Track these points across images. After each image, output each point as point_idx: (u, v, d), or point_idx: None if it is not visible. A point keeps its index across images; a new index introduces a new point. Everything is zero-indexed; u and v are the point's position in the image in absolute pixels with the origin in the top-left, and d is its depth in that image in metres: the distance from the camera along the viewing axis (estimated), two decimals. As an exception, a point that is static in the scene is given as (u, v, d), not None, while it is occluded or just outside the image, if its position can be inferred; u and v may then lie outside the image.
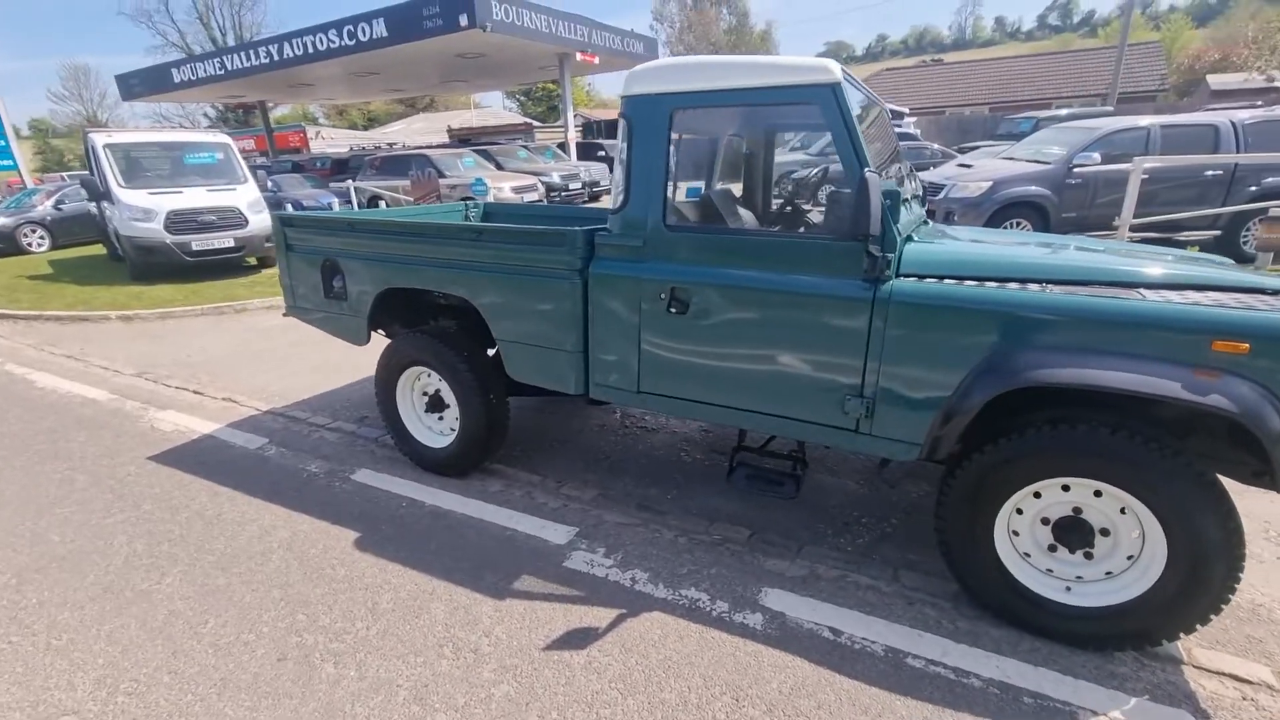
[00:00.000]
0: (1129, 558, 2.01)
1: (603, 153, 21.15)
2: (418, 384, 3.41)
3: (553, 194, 15.08)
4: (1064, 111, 16.90)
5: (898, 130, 18.26)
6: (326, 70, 19.50)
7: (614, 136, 16.39)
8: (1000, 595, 2.17)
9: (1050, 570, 2.13)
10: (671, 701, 1.98)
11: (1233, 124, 8.04)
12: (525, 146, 18.44)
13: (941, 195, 8.51)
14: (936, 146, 15.92)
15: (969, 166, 8.89)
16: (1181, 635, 1.98)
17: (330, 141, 35.08)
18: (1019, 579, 2.14)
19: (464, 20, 14.40)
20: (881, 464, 2.61)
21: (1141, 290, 1.97)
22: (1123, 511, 1.98)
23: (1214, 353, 1.75)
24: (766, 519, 2.95)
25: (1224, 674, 2.00)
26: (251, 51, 18.59)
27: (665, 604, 2.41)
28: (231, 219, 9.36)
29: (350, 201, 15.62)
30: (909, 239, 2.29)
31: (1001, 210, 8.10)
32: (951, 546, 2.22)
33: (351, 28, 16.21)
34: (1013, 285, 2.05)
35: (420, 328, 3.36)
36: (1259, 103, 15.89)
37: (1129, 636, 2.03)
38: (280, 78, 20.06)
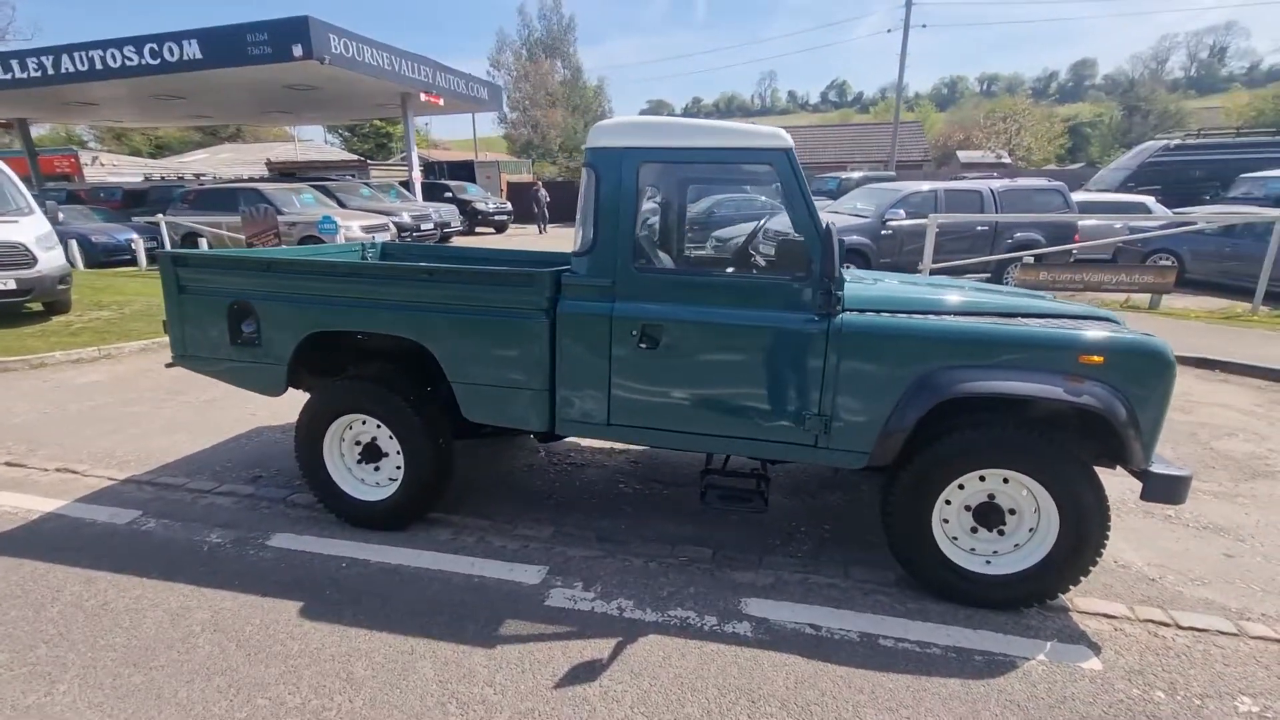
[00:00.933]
0: (1030, 530, 2.53)
1: (449, 194, 20.79)
2: (349, 434, 3.18)
3: (404, 234, 14.49)
4: (857, 174, 19.97)
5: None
6: (116, 90, 17.06)
7: (458, 178, 16.54)
8: (938, 574, 2.59)
9: (973, 549, 2.60)
10: (696, 715, 2.08)
11: (991, 190, 10.17)
12: (367, 184, 17.48)
13: (787, 242, 9.64)
14: (764, 199, 17.86)
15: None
16: (1070, 589, 2.52)
17: (113, 169, 30.28)
18: (951, 558, 2.58)
19: (298, 51, 13.57)
20: (835, 472, 2.97)
21: (1020, 318, 2.55)
22: (1025, 493, 2.50)
23: (1080, 364, 2.33)
24: (720, 538, 3.18)
25: (1099, 614, 2.58)
26: (17, 63, 15.71)
27: (657, 626, 2.51)
28: (14, 257, 7.77)
29: (157, 239, 13.68)
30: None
31: (836, 256, 9.38)
32: (898, 537, 2.61)
33: (156, 46, 14.48)
34: (932, 317, 2.53)
35: (351, 373, 3.15)
36: (995, 174, 20.13)
37: (1034, 595, 2.53)
38: (54, 94, 17.14)
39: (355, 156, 37.72)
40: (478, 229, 21.01)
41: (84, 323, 8.11)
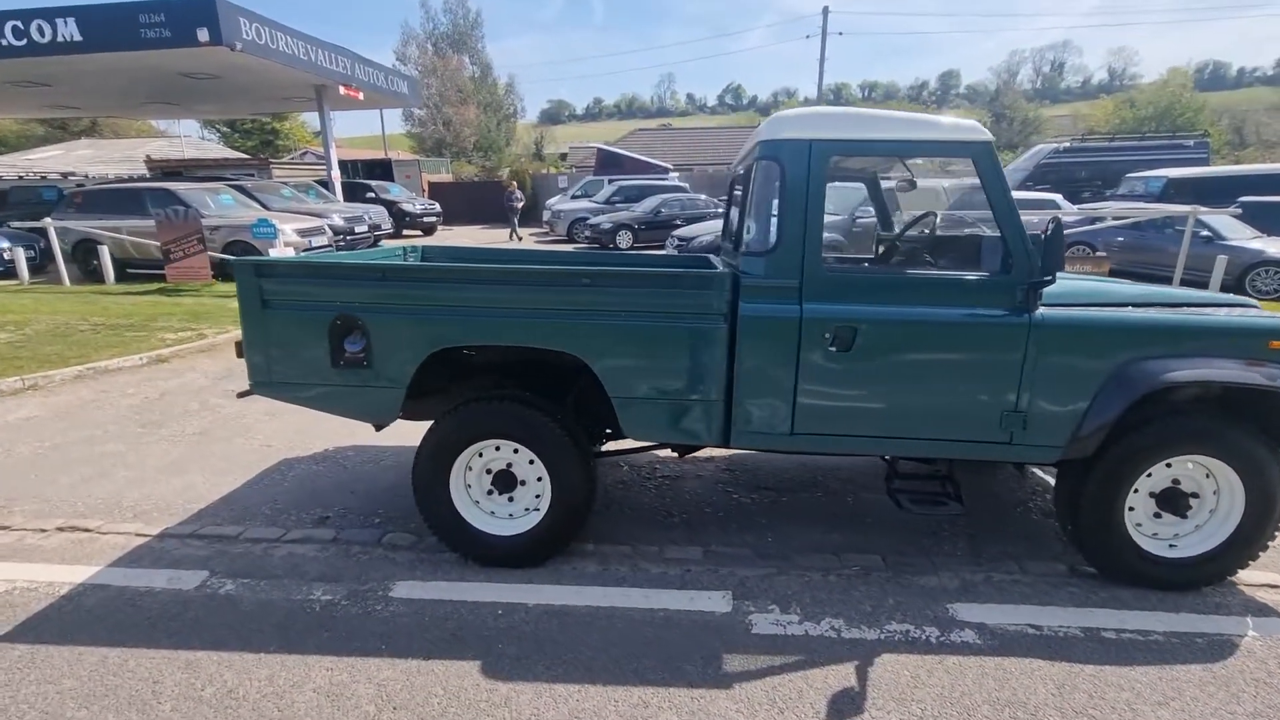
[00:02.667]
0: (1210, 512, 2.63)
1: (371, 194, 19.49)
2: (478, 461, 2.80)
3: (336, 237, 13.36)
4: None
5: (665, 183, 20.32)
6: (-41, 73, 14.54)
7: (374, 178, 15.65)
8: (1127, 562, 2.64)
9: (1156, 534, 2.67)
10: (987, 734, 1.98)
11: (943, 188, 10.80)
12: (285, 184, 15.99)
13: (764, 240, 9.77)
14: (705, 198, 18.10)
15: (779, 216, 10.37)
16: (1249, 565, 2.65)
17: (-57, 167, 25.91)
18: (1140, 545, 2.63)
19: (203, 35, 12.17)
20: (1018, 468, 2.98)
21: (1190, 308, 2.64)
22: (1206, 475, 2.59)
23: (1269, 349, 2.44)
24: (872, 542, 3.10)
25: (1264, 585, 2.73)
26: None
27: (883, 644, 2.38)
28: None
29: (35, 248, 11.84)
30: None
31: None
32: (1086, 528, 2.63)
33: (21, 24, 12.52)
34: (1126, 310, 2.56)
35: (485, 393, 2.78)
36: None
37: (1215, 574, 2.64)
38: None
39: (244, 155, 34.51)
40: (405, 231, 19.80)
41: (-20, 348, 6.81)
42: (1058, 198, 14.34)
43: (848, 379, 2.56)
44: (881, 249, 2.94)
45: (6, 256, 11.45)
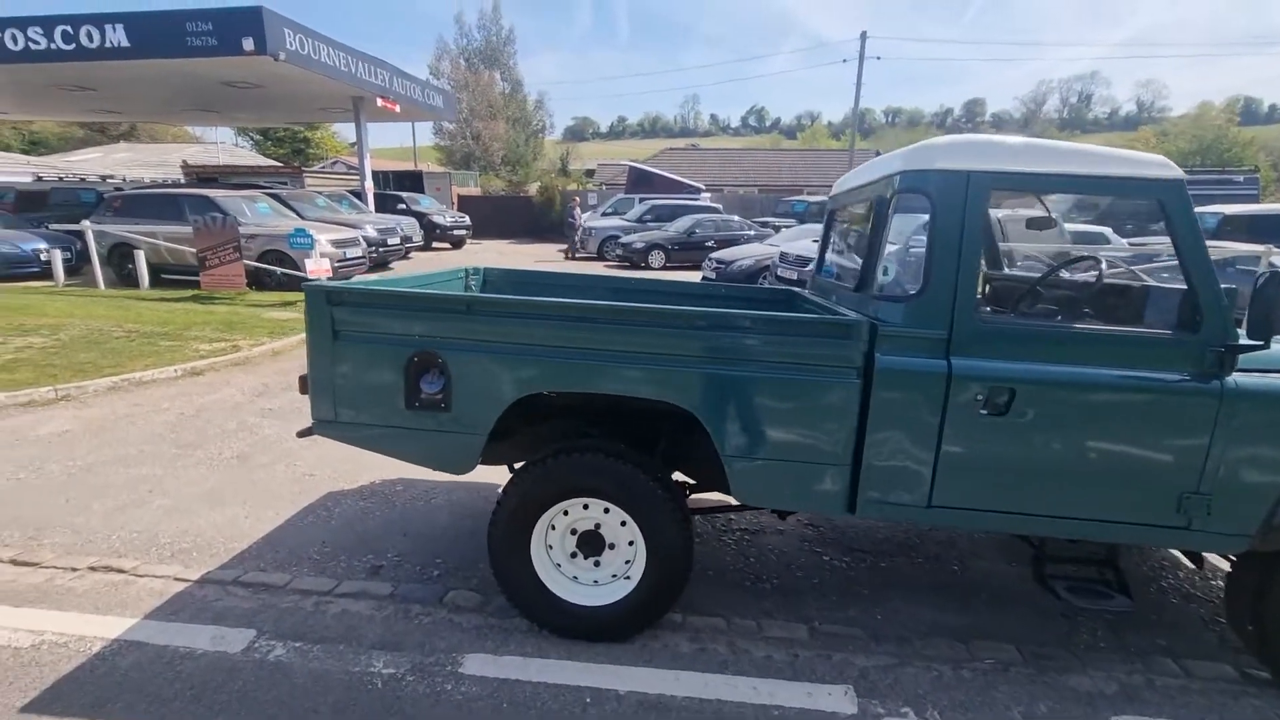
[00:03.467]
0: None
1: (402, 206, 19.49)
2: (562, 520, 2.49)
3: (371, 248, 13.25)
4: (822, 198, 20.45)
5: (698, 203, 20.16)
6: (5, 77, 14.75)
7: (405, 189, 15.47)
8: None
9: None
10: None
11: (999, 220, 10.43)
12: (320, 193, 15.99)
13: (810, 267, 9.44)
14: (738, 219, 17.86)
15: (826, 242, 10.05)
16: None
17: (-13, 166, 26.45)
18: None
19: (248, 44, 12.23)
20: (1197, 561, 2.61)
21: None
22: None
23: None
24: (997, 625, 2.73)
25: None
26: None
27: (1048, 767, 2.01)
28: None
29: (71, 250, 11.83)
30: None
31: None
32: (1275, 636, 2.25)
33: (70, 29, 12.66)
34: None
35: (578, 444, 2.46)
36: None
37: None
38: (-76, 77, 14.61)
39: (278, 162, 35.00)
40: (434, 244, 19.75)
41: (14, 353, 6.66)
42: (1106, 230, 13.90)
43: (1000, 447, 2.21)
44: (1026, 297, 2.60)
45: (44, 257, 11.44)
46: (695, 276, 13.57)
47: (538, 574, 2.47)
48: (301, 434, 2.59)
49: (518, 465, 3.03)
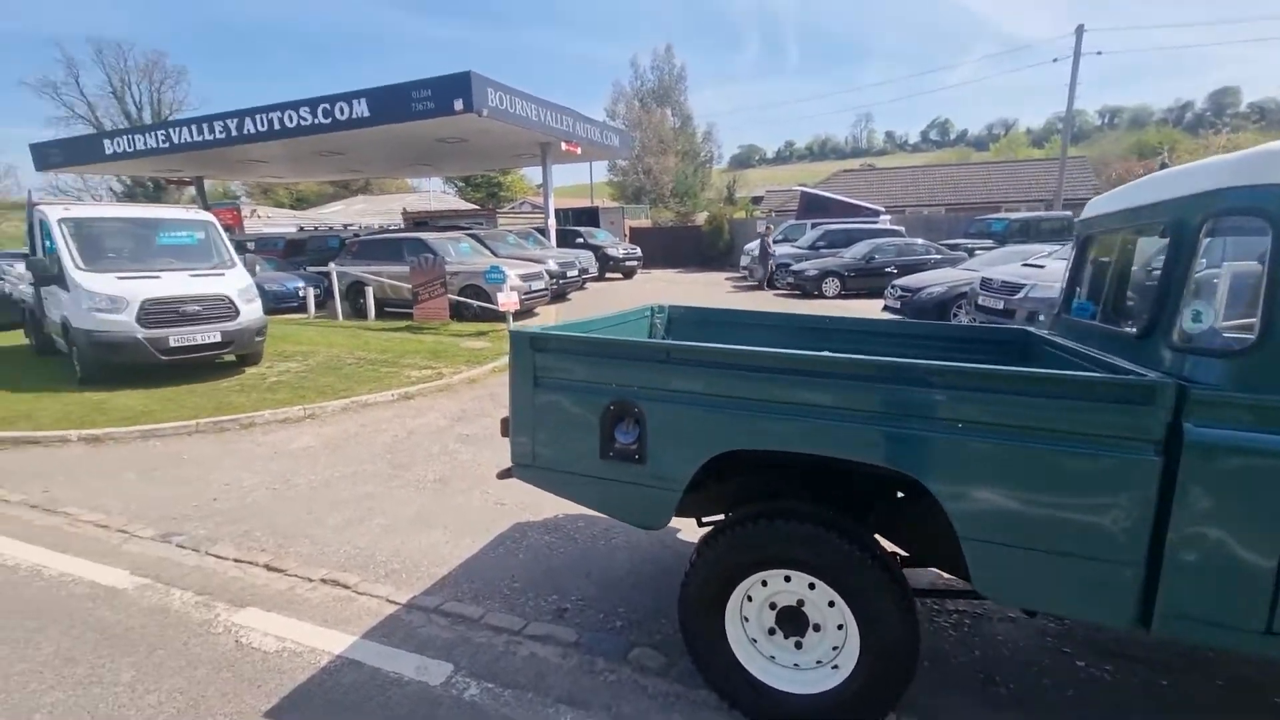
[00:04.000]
0: None
1: (580, 239, 20.73)
2: (760, 592, 2.25)
3: (553, 280, 14.19)
4: (1022, 215, 18.11)
5: (874, 226, 18.92)
6: (285, 148, 18.26)
7: (582, 224, 15.97)
8: None
9: None
10: None
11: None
12: (510, 231, 17.59)
13: (1021, 295, 8.28)
14: (922, 242, 16.42)
15: (1040, 266, 8.78)
16: None
17: (267, 220, 32.99)
18: None
19: (459, 105, 13.79)
20: None
21: None
22: None
23: None
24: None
25: None
26: (205, 126, 17.12)
27: None
28: (219, 309, 7.79)
29: (319, 286, 14.10)
30: None
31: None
32: None
33: (329, 106, 15.24)
34: None
35: (779, 507, 2.24)
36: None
37: None
38: (229, 153, 18.61)
39: (475, 205, 39.41)
40: (607, 274, 20.74)
41: (276, 375, 7.97)
42: None
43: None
44: None
45: (300, 294, 13.77)
46: (875, 306, 12.64)
47: (731, 647, 2.25)
48: (501, 475, 2.65)
49: (706, 520, 2.85)
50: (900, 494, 2.43)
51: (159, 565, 3.49)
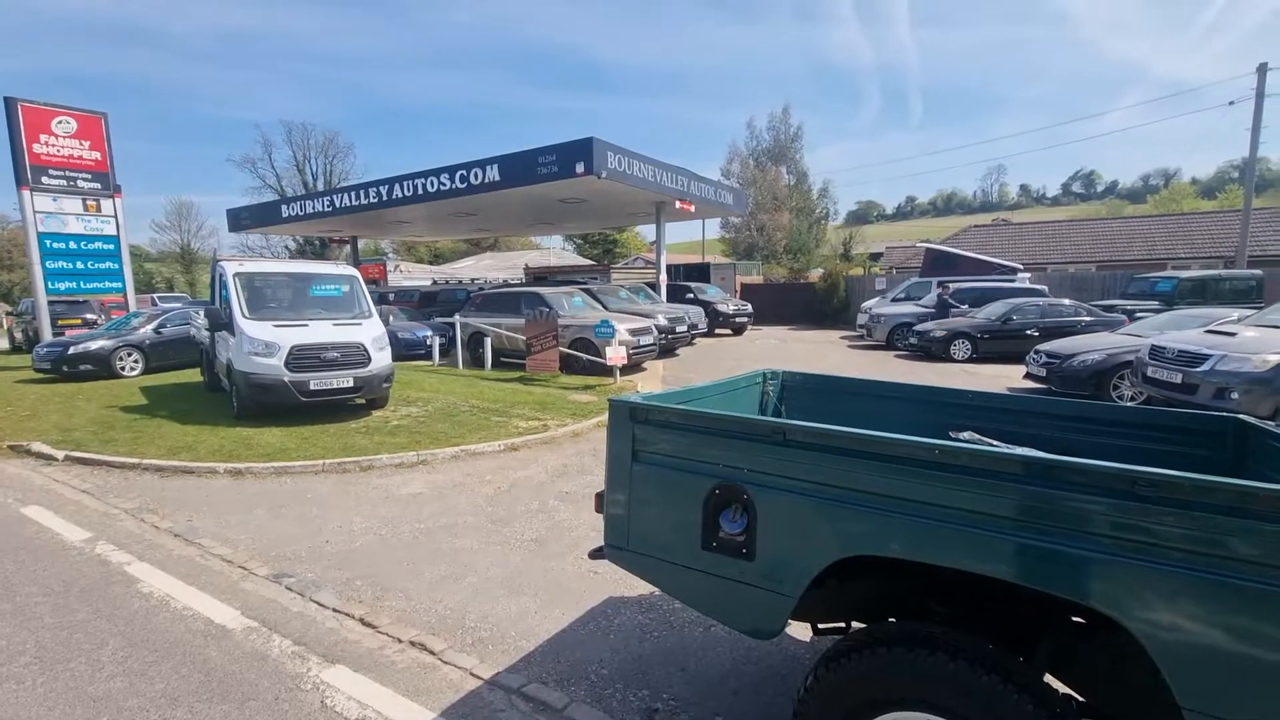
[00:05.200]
0: None
1: (690, 295, 20.79)
2: (888, 732, 1.84)
3: (662, 335, 14.19)
4: (1207, 273, 15.89)
5: (1012, 285, 17.38)
6: (425, 210, 20.07)
7: (693, 279, 15.77)
8: None
9: None
10: None
11: None
12: (622, 286, 18.01)
13: (1206, 368, 7.06)
14: (1069, 302, 14.80)
15: (1229, 335, 7.49)
16: None
17: (407, 275, 36.30)
18: None
19: (580, 168, 14.47)
20: None
21: None
22: None
23: None
24: None
25: None
26: (361, 192, 19.26)
27: None
28: (354, 356, 8.41)
29: (444, 336, 15.01)
30: None
31: (1299, 390, 6.56)
32: None
33: (465, 172, 16.57)
34: None
35: (921, 631, 1.84)
36: None
37: None
38: (379, 215, 20.72)
39: (591, 261, 41.15)
40: (717, 330, 20.56)
41: (398, 419, 8.40)
42: None
43: None
44: None
45: (428, 342, 14.74)
46: (1013, 374, 11.42)
47: (852, 804, 1.83)
48: (593, 555, 2.44)
49: (824, 627, 2.46)
50: (1079, 620, 1.93)
51: (267, 608, 3.58)
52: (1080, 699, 2.07)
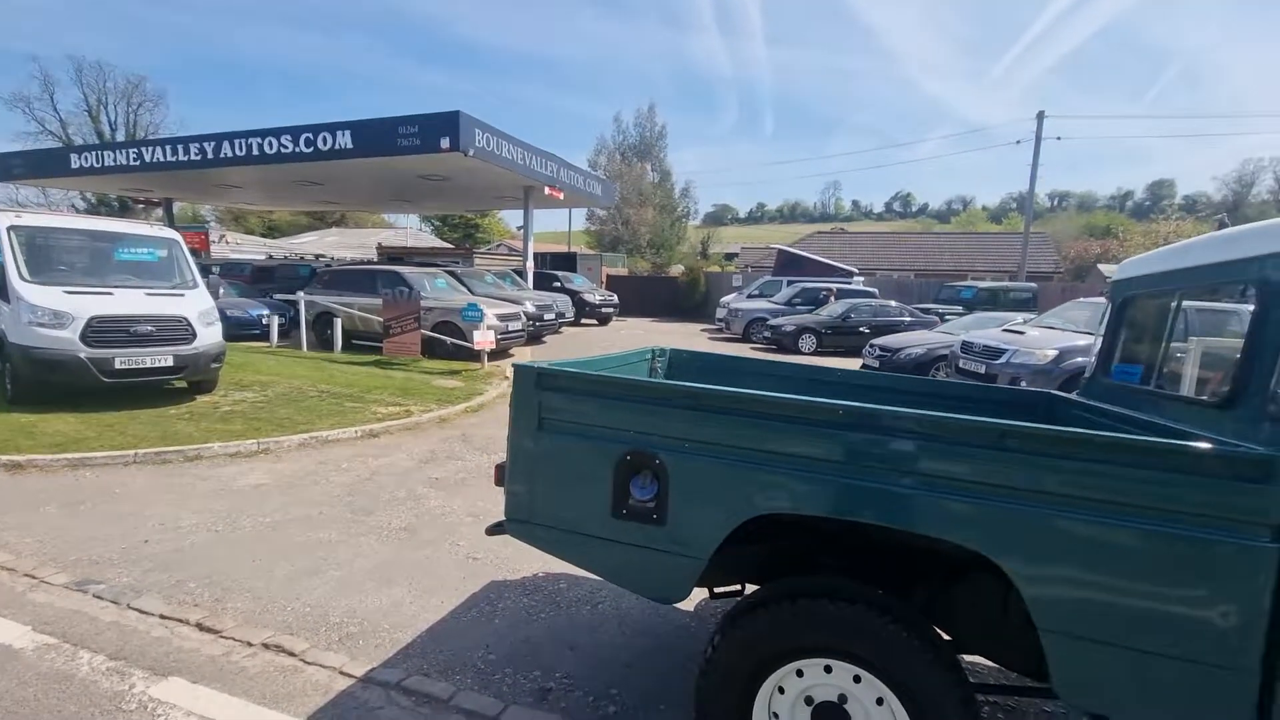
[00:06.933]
0: None
1: (558, 284, 20.59)
2: (794, 684, 1.93)
3: (531, 323, 13.90)
4: (998, 284, 18.72)
5: (849, 287, 19.27)
6: (260, 174, 17.92)
7: (560, 268, 15.95)
8: None
9: None
10: None
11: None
12: (488, 271, 17.35)
13: (1003, 360, 8.31)
14: (895, 304, 16.73)
15: (1020, 333, 8.87)
16: None
17: (235, 247, 32.19)
18: None
19: (445, 143, 13.72)
20: None
21: None
22: None
23: None
24: None
25: None
26: (181, 147, 16.71)
27: None
28: (175, 331, 7.27)
29: (284, 315, 13.53)
30: None
31: (1070, 380, 7.95)
32: None
33: (312, 136, 15.02)
34: None
35: (821, 584, 1.94)
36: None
37: None
38: (203, 176, 18.16)
39: (450, 244, 39.26)
40: (583, 320, 20.55)
41: (230, 405, 7.42)
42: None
43: None
44: None
45: (264, 322, 13.17)
46: (850, 364, 12.67)
47: (761, 751, 1.91)
48: (491, 531, 2.30)
49: (720, 591, 2.54)
50: (950, 571, 2.16)
51: (69, 620, 2.97)
52: (947, 636, 2.32)
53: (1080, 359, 8.00)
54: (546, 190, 18.53)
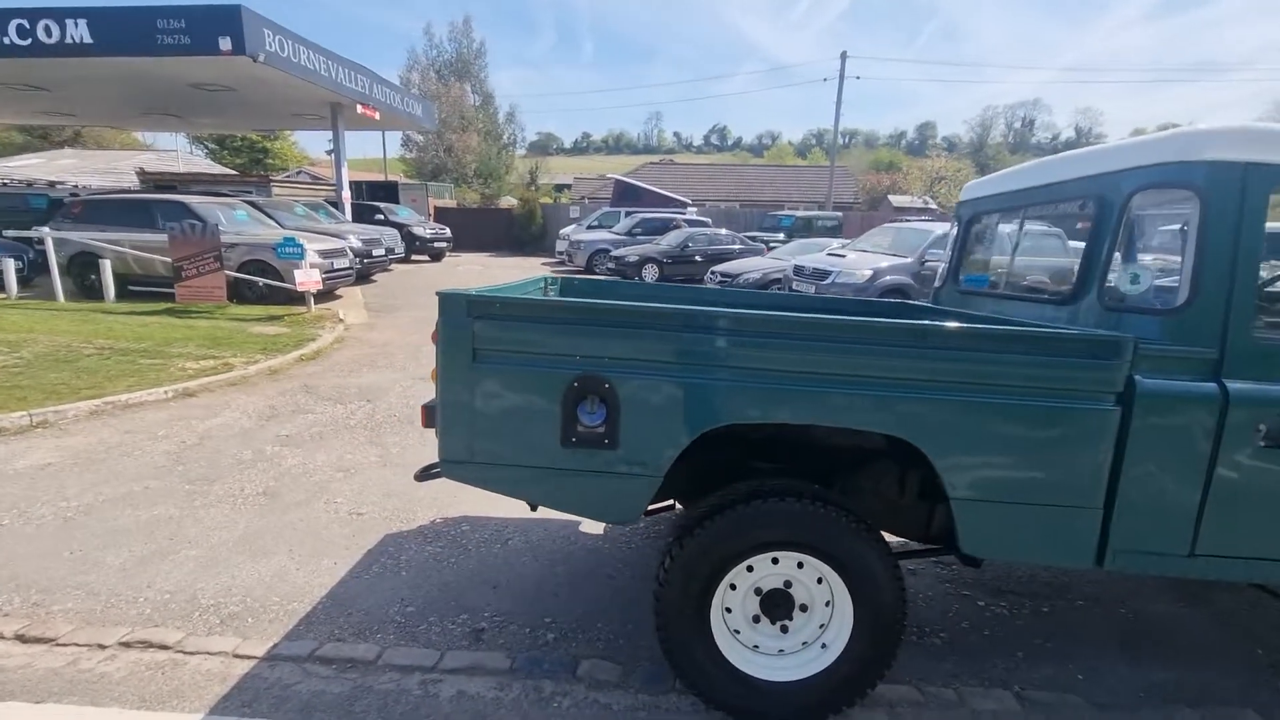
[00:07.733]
0: None
1: (380, 216, 18.75)
2: (745, 579, 2.06)
3: (357, 259, 12.54)
4: (810, 212, 20.52)
5: (685, 217, 19.94)
6: (-50, 71, 13.63)
7: (379, 199, 14.82)
8: None
9: None
10: None
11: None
12: (298, 201, 15.16)
13: (829, 280, 9.24)
14: (726, 232, 17.69)
15: (841, 256, 9.87)
16: None
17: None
18: None
19: (225, 44, 11.53)
20: None
21: None
22: None
23: None
24: (1208, 682, 2.41)
25: None
26: None
27: None
28: None
29: (22, 257, 10.82)
30: None
31: (882, 295, 9.11)
32: None
33: (27, 23, 11.71)
34: None
35: (769, 487, 2.05)
36: (925, 217, 21.56)
37: None
38: None
39: (233, 171, 33.61)
40: (413, 256, 19.02)
41: (-30, 373, 5.85)
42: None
43: None
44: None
45: (-8, 267, 10.39)
46: (696, 291, 13.30)
47: (717, 644, 2.04)
48: (421, 476, 2.11)
49: (652, 509, 2.60)
50: (857, 461, 2.42)
51: None
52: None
53: (889, 277, 9.17)
54: (359, 108, 16.42)
